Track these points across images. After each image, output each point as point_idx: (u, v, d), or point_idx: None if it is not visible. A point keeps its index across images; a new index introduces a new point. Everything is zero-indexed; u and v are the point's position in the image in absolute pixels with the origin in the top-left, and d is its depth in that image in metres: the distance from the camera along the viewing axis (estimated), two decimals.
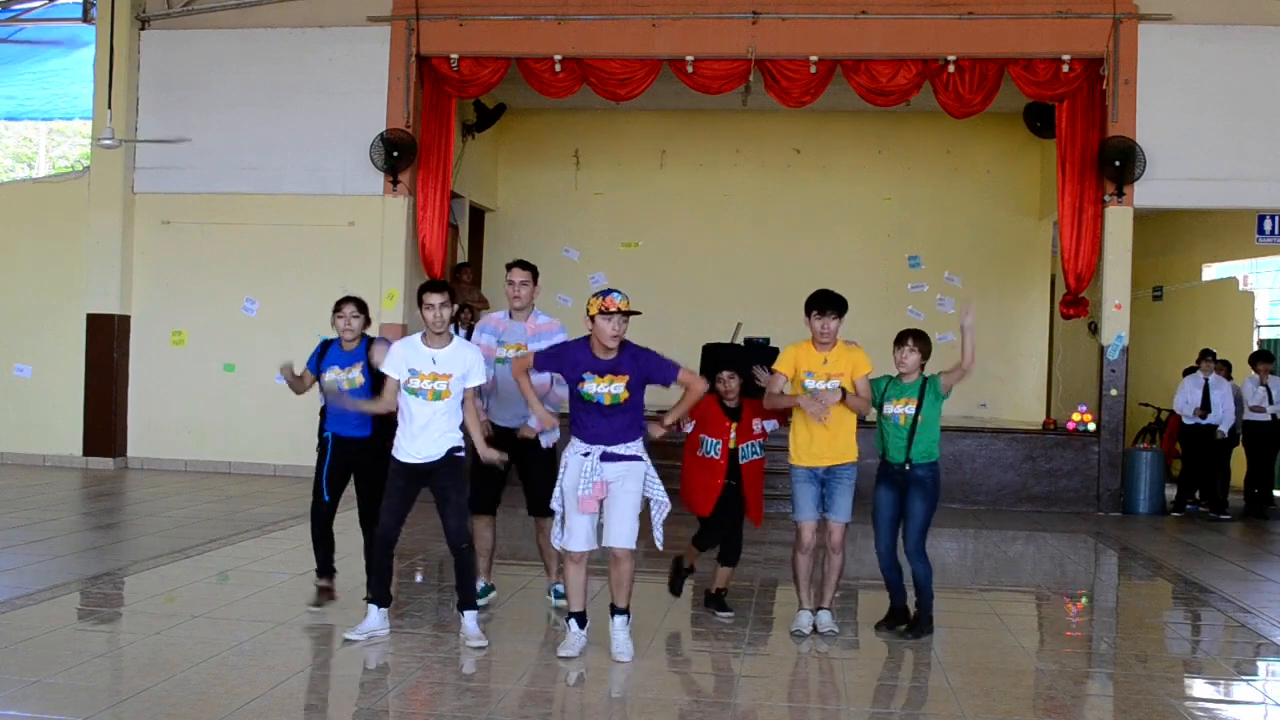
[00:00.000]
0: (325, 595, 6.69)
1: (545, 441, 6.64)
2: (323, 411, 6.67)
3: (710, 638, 6.36)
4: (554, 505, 5.85)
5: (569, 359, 5.82)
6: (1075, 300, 12.43)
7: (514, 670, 5.58)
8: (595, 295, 5.74)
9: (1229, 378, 12.59)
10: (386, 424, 6.36)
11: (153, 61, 13.43)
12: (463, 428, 6.05)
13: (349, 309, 6.56)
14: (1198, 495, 12.41)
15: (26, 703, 4.88)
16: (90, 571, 7.63)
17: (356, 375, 6.49)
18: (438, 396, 5.92)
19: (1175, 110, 12.08)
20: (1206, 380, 12.22)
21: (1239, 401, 12.32)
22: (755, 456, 6.64)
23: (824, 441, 6.28)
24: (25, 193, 14.74)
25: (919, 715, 5.11)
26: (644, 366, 5.77)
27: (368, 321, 6.64)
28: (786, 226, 16.07)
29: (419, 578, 7.96)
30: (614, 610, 5.82)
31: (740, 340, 13.05)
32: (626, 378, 5.70)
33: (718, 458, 6.54)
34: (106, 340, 13.26)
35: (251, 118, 13.22)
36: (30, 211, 13.79)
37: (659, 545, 5.81)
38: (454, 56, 12.79)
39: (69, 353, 13.35)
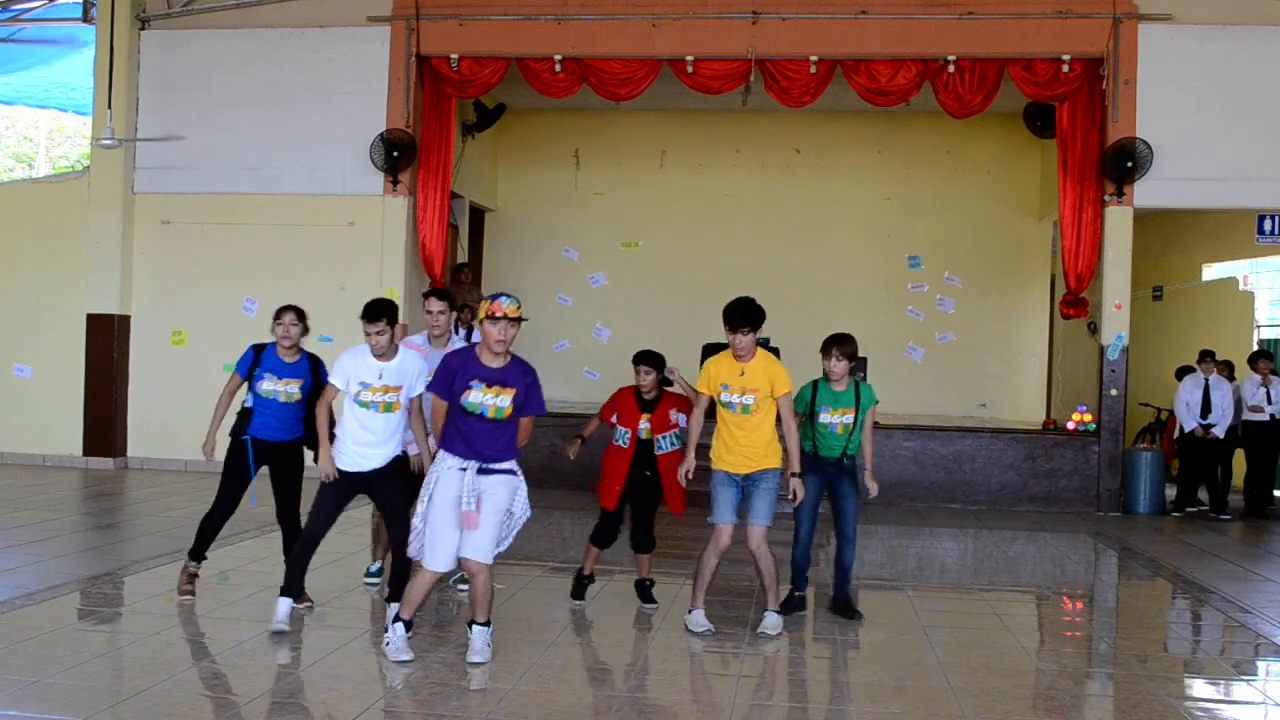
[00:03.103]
0: (192, 577, 6.82)
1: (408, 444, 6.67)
2: (244, 413, 6.70)
3: (710, 638, 6.35)
4: (416, 521, 5.64)
5: (457, 368, 5.58)
6: (1075, 300, 12.43)
7: (514, 670, 5.58)
8: (485, 299, 5.61)
9: (1232, 379, 12.58)
10: (311, 430, 6.54)
11: (153, 61, 13.43)
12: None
13: (288, 317, 6.61)
14: (1204, 499, 12.40)
15: (26, 703, 4.88)
16: (90, 571, 7.63)
17: (295, 390, 6.57)
18: (388, 409, 6.03)
19: (1175, 110, 12.08)
20: (1206, 381, 12.22)
21: (1238, 403, 12.32)
22: (673, 448, 6.76)
23: (743, 448, 6.28)
24: (25, 193, 14.73)
25: (919, 715, 5.11)
26: (528, 388, 5.63)
27: (306, 330, 6.67)
28: (786, 226, 16.07)
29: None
30: (473, 623, 5.70)
31: None
32: (514, 391, 5.57)
33: (625, 446, 6.74)
34: (106, 340, 13.26)
35: (251, 118, 13.22)
36: (30, 211, 13.79)
37: (488, 557, 5.54)
38: (454, 56, 12.79)
39: (69, 353, 13.35)
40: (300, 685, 5.31)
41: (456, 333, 13.79)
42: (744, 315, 6.23)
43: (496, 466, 5.60)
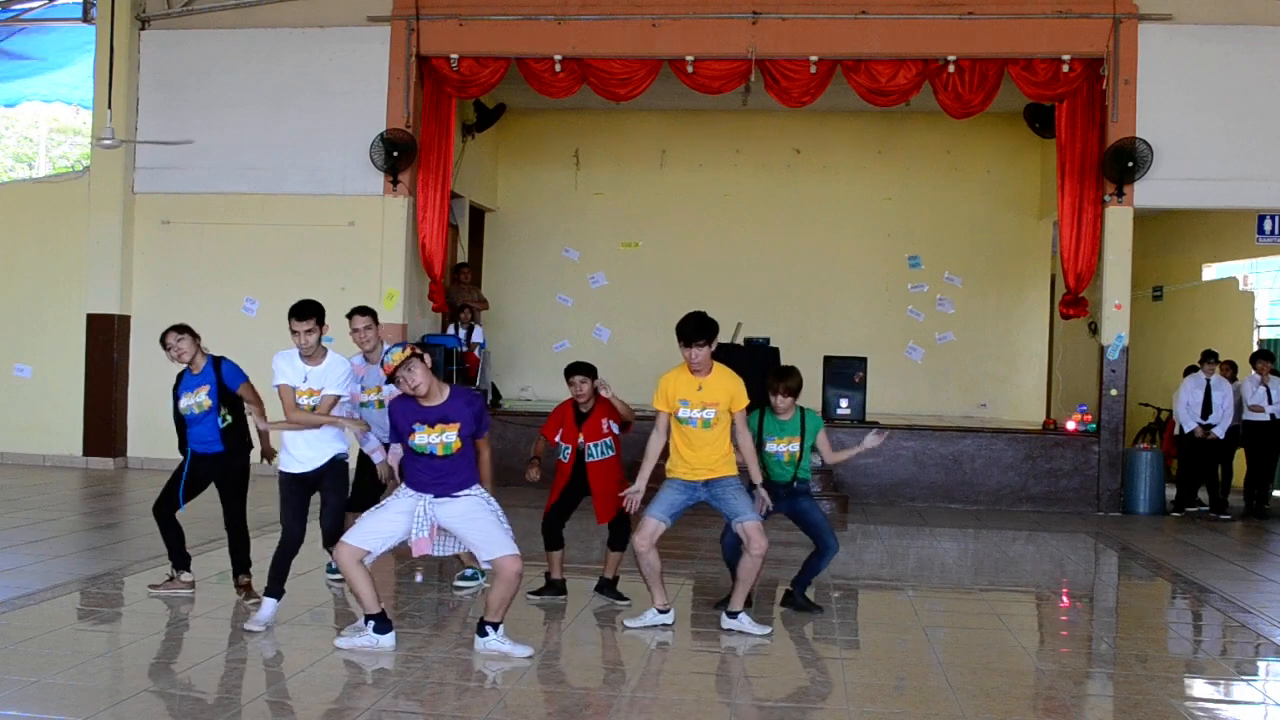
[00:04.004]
0: (173, 583, 6.95)
1: (371, 452, 6.92)
2: (181, 430, 6.84)
3: (710, 638, 6.35)
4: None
5: (399, 416, 5.65)
6: (1075, 300, 12.43)
7: (514, 670, 5.58)
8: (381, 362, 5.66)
9: (1234, 379, 12.57)
10: (240, 440, 6.72)
11: (153, 61, 13.44)
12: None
13: (170, 338, 6.76)
14: (1204, 499, 12.39)
15: (26, 703, 4.88)
16: (90, 571, 7.64)
17: (204, 399, 6.71)
18: (314, 410, 6.19)
19: (1175, 110, 12.09)
20: (1208, 381, 12.21)
21: (1239, 403, 12.31)
22: (604, 456, 6.80)
23: (701, 460, 6.26)
24: (25, 193, 14.74)
25: (919, 715, 5.11)
26: (475, 417, 5.65)
27: (196, 337, 6.82)
28: (787, 226, 16.08)
29: (419, 578, 7.95)
30: (488, 624, 5.68)
31: (740, 340, 13.06)
32: (458, 425, 5.57)
33: (565, 461, 6.84)
34: (106, 340, 13.26)
35: (251, 118, 13.21)
36: (30, 211, 13.80)
37: (514, 549, 5.58)
38: (454, 56, 12.79)
39: (69, 353, 13.34)
40: (300, 685, 5.31)
41: (456, 333, 13.88)
42: (697, 329, 6.12)
43: (457, 494, 5.65)
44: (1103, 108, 12.21)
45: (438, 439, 5.55)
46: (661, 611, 6.44)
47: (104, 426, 13.25)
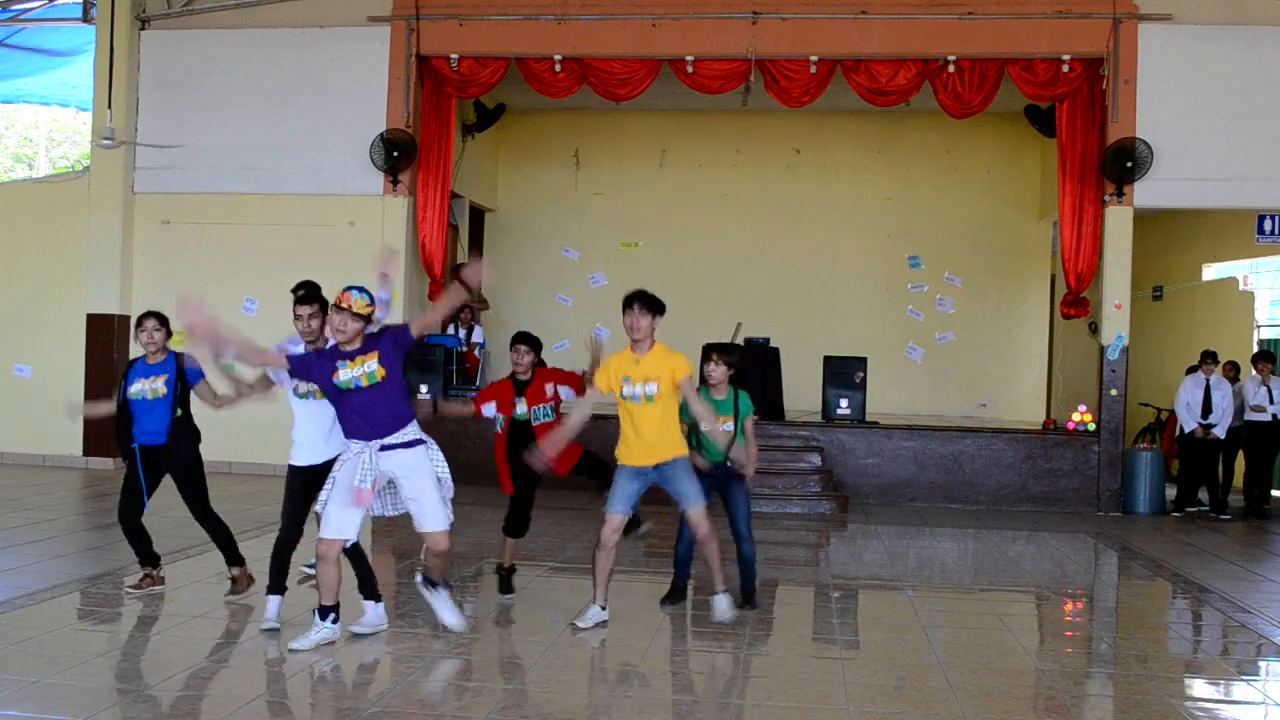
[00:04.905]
0: (150, 581, 6.96)
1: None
2: (125, 424, 6.82)
3: (710, 638, 6.35)
4: (317, 507, 5.82)
5: (313, 365, 5.74)
6: (1076, 300, 12.43)
7: (514, 670, 5.58)
8: (345, 289, 5.75)
9: (1236, 380, 12.57)
10: (183, 431, 6.78)
11: (153, 61, 13.44)
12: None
13: (150, 323, 6.75)
14: (1204, 499, 12.39)
15: (26, 703, 4.88)
16: (90, 571, 7.64)
17: (160, 386, 6.74)
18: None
19: (1175, 110, 12.09)
20: (1208, 381, 12.22)
21: (1241, 403, 12.30)
22: (549, 419, 6.77)
23: (646, 440, 6.25)
24: (25, 193, 14.74)
25: (919, 715, 5.11)
26: (391, 337, 5.74)
27: (170, 334, 6.80)
28: (787, 226, 16.08)
29: (419, 578, 7.94)
30: (432, 584, 5.93)
31: (740, 340, 13.05)
32: (377, 353, 5.67)
33: (501, 432, 6.81)
34: (106, 340, 13.26)
35: (251, 118, 13.22)
36: (30, 211, 13.80)
37: (446, 524, 5.74)
38: (454, 56, 12.79)
39: (69, 353, 13.34)
40: (300, 685, 5.31)
41: (456, 333, 13.86)
42: (638, 296, 6.29)
43: (397, 440, 5.68)
44: (1103, 108, 12.21)
45: (360, 370, 5.63)
46: (603, 609, 6.44)
47: (104, 427, 13.20)
